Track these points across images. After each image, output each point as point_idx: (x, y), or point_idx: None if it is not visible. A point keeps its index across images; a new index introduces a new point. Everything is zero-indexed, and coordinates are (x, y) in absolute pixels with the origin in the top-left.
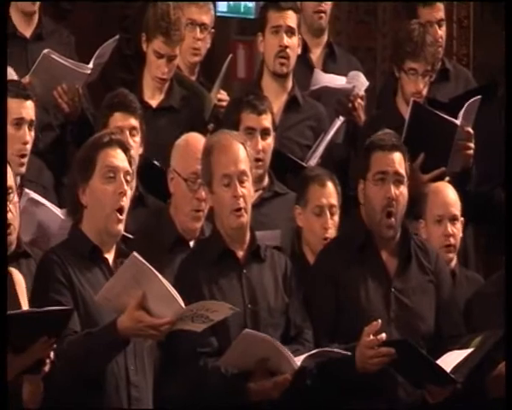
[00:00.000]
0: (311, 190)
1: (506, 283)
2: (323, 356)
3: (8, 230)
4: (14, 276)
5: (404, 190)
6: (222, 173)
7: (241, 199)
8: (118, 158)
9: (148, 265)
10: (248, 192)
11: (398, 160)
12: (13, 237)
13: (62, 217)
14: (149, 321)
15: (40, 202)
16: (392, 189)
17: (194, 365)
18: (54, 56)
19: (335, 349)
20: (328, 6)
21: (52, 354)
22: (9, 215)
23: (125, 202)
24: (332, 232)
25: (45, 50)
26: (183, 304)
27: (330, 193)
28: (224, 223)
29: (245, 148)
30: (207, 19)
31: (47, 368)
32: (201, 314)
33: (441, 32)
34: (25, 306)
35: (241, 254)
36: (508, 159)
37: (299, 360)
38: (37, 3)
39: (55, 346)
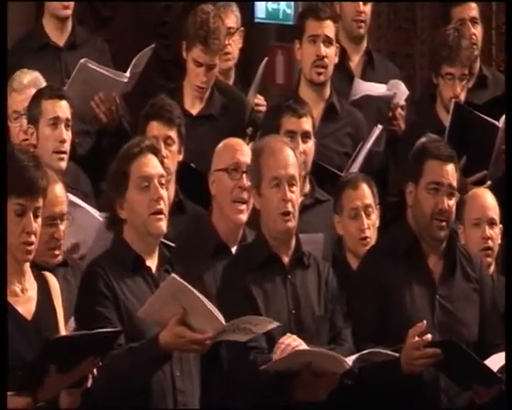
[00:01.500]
0: (344, 196)
1: (506, 283)
2: (372, 358)
3: (59, 243)
4: (49, 280)
5: (454, 201)
6: (272, 175)
7: (290, 203)
8: (150, 165)
9: (187, 285)
10: (296, 197)
11: (452, 171)
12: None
13: (101, 219)
14: (191, 336)
15: (79, 204)
16: (445, 201)
17: (244, 360)
18: (91, 65)
19: (383, 350)
20: (367, 14)
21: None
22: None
23: (163, 206)
24: (370, 233)
25: (82, 60)
26: (223, 320)
27: (364, 194)
28: (271, 227)
29: (295, 154)
30: (232, 22)
31: (89, 384)
32: (244, 328)
33: (475, 30)
34: (59, 310)
35: (286, 259)
36: (508, 158)
37: (350, 360)
38: (71, 8)
39: (99, 363)
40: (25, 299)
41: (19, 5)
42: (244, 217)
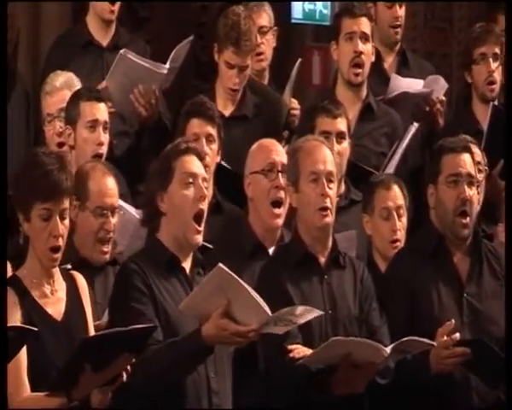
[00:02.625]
0: (376, 195)
1: (506, 283)
2: (408, 348)
3: (108, 236)
4: (78, 280)
5: (475, 191)
6: (310, 170)
7: (328, 199)
8: (195, 165)
9: (234, 275)
10: (334, 195)
11: (469, 161)
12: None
13: (138, 216)
14: (234, 329)
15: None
16: (466, 190)
17: (281, 358)
18: (130, 56)
19: (420, 339)
20: (402, 18)
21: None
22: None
23: (205, 207)
24: (401, 235)
25: (122, 50)
26: (269, 311)
27: (396, 195)
28: (309, 222)
29: (332, 153)
30: (264, 21)
31: (124, 378)
32: (285, 318)
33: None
34: (88, 309)
35: (322, 259)
36: (508, 157)
37: (388, 349)
38: (116, 12)
39: (133, 360)
40: (54, 300)
41: (54, 4)
42: (280, 221)
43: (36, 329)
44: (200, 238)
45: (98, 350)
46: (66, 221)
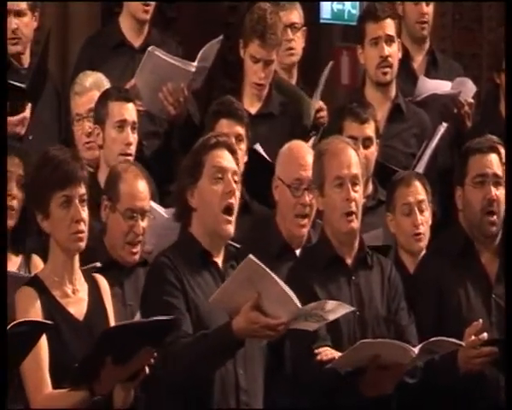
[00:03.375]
0: (397, 193)
1: (506, 283)
2: (436, 348)
3: (137, 239)
4: (100, 282)
5: (502, 191)
6: (335, 175)
7: (353, 203)
8: (225, 159)
9: (264, 267)
10: (359, 197)
11: (496, 161)
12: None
13: (166, 216)
14: (265, 322)
15: None
16: (493, 190)
17: (309, 363)
18: (158, 53)
19: (448, 339)
20: (430, 15)
21: (152, 361)
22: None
23: (234, 202)
24: (424, 229)
25: (150, 47)
26: (299, 304)
27: (417, 190)
28: (335, 227)
29: (357, 154)
30: (296, 18)
31: (147, 371)
32: (316, 314)
33: None
34: (110, 311)
35: (349, 260)
36: (508, 156)
37: (416, 349)
38: (151, 12)
39: (155, 354)
40: (76, 300)
41: (83, 4)
42: (305, 230)
43: (51, 322)
44: (231, 229)
45: (119, 342)
46: (86, 208)
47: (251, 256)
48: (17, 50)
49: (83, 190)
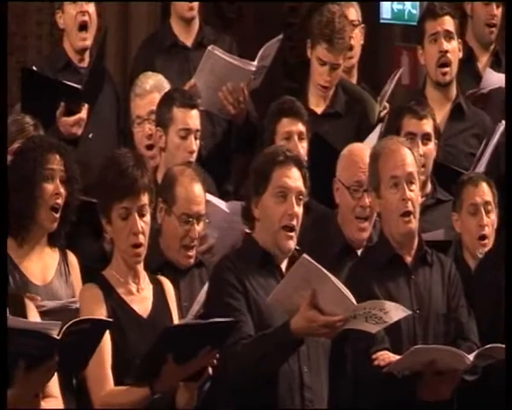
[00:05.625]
0: (464, 192)
1: (506, 280)
2: (493, 354)
3: (193, 243)
4: (165, 284)
5: None
6: (390, 176)
7: (410, 202)
8: (292, 177)
9: (318, 265)
10: (416, 196)
11: None
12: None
13: (227, 210)
14: (322, 320)
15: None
16: None
17: (367, 366)
18: (217, 53)
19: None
20: (498, 17)
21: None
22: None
23: (296, 222)
24: (489, 231)
25: (209, 46)
26: (354, 301)
27: (484, 191)
28: (392, 227)
29: (412, 153)
30: (353, 15)
31: (210, 372)
32: (375, 314)
33: None
34: (174, 313)
35: (409, 259)
36: (508, 158)
37: (471, 356)
38: (196, 9)
39: (217, 355)
40: (140, 298)
41: (143, 4)
42: (365, 234)
43: (111, 320)
44: (291, 244)
45: (179, 340)
46: (146, 218)
47: (305, 256)
48: (85, 45)
49: (143, 201)
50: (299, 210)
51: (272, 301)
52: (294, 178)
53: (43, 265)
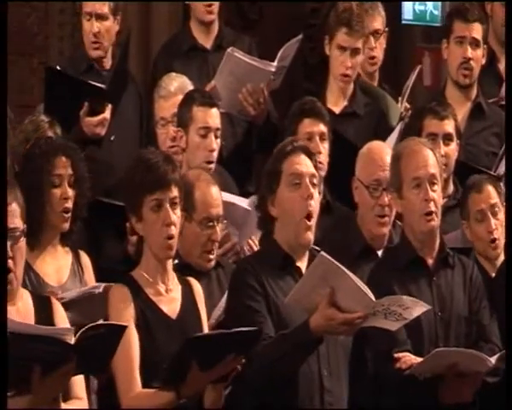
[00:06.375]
0: (470, 200)
1: (506, 282)
2: None
3: (215, 246)
4: (194, 286)
5: None
6: (412, 176)
7: (432, 202)
8: (302, 164)
9: (336, 262)
10: (438, 197)
11: None
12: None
13: (249, 208)
14: (342, 317)
15: (225, 198)
16: None
17: (388, 368)
18: (237, 54)
19: None
20: None
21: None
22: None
23: (314, 206)
24: (499, 233)
25: (229, 49)
26: (373, 297)
27: (489, 195)
28: (415, 227)
29: (434, 154)
30: (379, 24)
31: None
32: (394, 311)
33: None
34: (203, 314)
35: (430, 261)
36: (508, 158)
37: (493, 359)
38: (216, 12)
39: (243, 361)
40: (169, 299)
41: (164, 6)
42: (386, 229)
43: (126, 325)
44: (311, 236)
45: (204, 349)
46: (177, 210)
47: (322, 253)
48: (98, 55)
49: (174, 193)
50: (314, 192)
51: (291, 300)
52: (305, 164)
53: (57, 266)
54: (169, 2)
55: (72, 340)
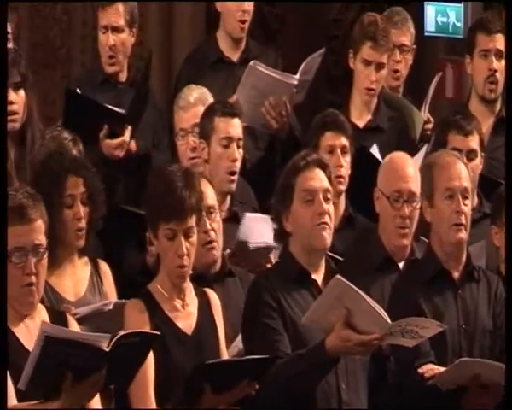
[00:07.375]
0: (503, 207)
1: (506, 281)
2: None
3: (211, 245)
4: (211, 297)
5: None
6: (445, 186)
7: (463, 215)
8: (315, 179)
9: (351, 285)
10: (469, 211)
11: None
12: (217, 256)
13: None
14: (358, 339)
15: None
16: None
17: (412, 380)
18: (259, 68)
19: None
20: None
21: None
22: (212, 234)
23: (327, 219)
24: None
25: (251, 62)
26: (388, 320)
27: None
28: (443, 238)
29: (467, 168)
30: (407, 40)
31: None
32: (411, 330)
33: None
34: (220, 326)
35: (456, 274)
36: (508, 159)
37: None
38: (246, 29)
39: (256, 386)
40: (185, 314)
41: (186, 20)
42: (407, 241)
43: (159, 333)
44: (327, 238)
45: (217, 375)
46: (193, 238)
47: (338, 276)
48: (114, 70)
49: (190, 223)
50: (328, 207)
51: (307, 321)
52: (319, 179)
53: (75, 279)
54: (191, 4)
55: (106, 347)
